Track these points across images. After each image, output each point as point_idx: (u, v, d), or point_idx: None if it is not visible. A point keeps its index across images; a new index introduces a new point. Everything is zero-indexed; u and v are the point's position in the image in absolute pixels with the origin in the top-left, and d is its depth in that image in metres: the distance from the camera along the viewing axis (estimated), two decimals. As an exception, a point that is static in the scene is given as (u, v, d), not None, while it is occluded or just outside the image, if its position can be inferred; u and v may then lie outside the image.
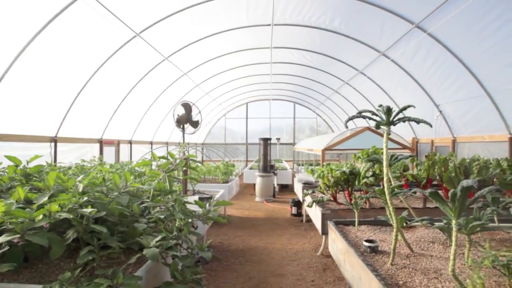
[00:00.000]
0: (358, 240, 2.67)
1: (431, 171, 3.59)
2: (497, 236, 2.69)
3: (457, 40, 5.79)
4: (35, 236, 1.60)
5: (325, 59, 9.50)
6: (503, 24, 4.73)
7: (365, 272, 1.99)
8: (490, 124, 6.13)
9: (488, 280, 1.87)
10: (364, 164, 3.76)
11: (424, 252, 2.40)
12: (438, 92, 7.31)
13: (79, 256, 1.66)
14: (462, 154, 7.06)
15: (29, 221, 1.64)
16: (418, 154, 8.88)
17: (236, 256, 4.79)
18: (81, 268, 1.65)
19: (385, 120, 2.09)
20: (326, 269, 4.24)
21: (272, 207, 8.57)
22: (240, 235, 5.93)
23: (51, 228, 1.84)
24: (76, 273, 1.57)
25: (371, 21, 6.62)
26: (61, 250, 1.70)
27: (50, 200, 1.86)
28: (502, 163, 3.50)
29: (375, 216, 3.16)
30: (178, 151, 4.78)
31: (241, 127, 18.75)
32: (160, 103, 9.71)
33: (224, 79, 11.77)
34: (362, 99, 10.81)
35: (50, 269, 1.80)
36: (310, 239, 5.61)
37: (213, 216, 2.50)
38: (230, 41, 8.50)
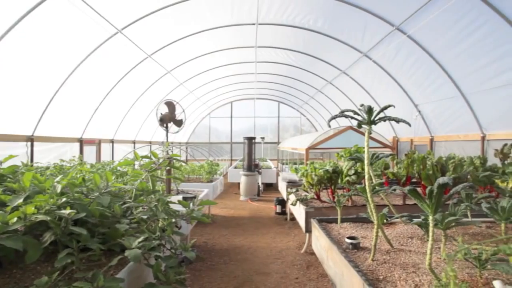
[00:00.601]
0: (341, 237, 2.71)
1: (410, 169, 3.69)
2: (470, 231, 2.80)
3: (434, 43, 5.97)
4: (8, 240, 1.54)
5: (309, 59, 9.60)
6: (476, 29, 4.92)
7: (347, 269, 2.03)
8: (465, 124, 6.36)
9: (461, 272, 1.95)
10: (346, 163, 3.83)
11: (403, 247, 2.46)
12: (417, 92, 7.52)
13: (57, 259, 1.61)
14: (439, 152, 7.29)
15: (1, 225, 1.58)
16: (399, 153, 9.11)
17: (220, 256, 4.78)
18: (59, 272, 1.60)
19: (367, 119, 2.13)
20: (309, 266, 4.29)
21: (257, 206, 8.59)
22: (224, 234, 5.92)
23: (27, 231, 1.78)
24: (53, 277, 1.52)
25: (354, 22, 6.74)
26: (38, 254, 1.65)
27: (25, 202, 1.80)
28: (475, 161, 3.65)
29: (357, 213, 3.22)
30: (161, 151, 4.73)
31: (226, 126, 18.70)
32: (143, 102, 9.56)
33: (208, 78, 11.71)
34: (345, 99, 10.98)
35: (26, 274, 1.74)
36: (294, 237, 5.66)
37: (197, 215, 2.48)
38: (214, 40, 8.46)
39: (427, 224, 1.97)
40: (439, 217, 1.96)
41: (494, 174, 3.13)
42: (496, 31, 4.65)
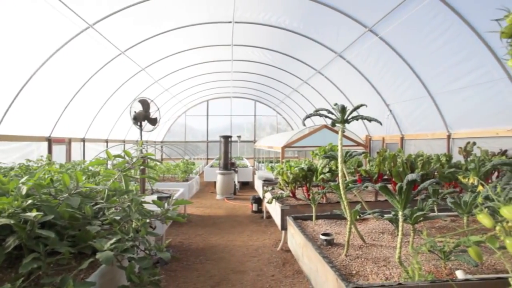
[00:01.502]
0: (316, 234, 2.77)
1: (382, 166, 3.82)
2: (437, 224, 2.94)
3: (404, 45, 6.20)
4: (-34, 246, 1.45)
5: (285, 58, 9.68)
6: (442, 33, 5.15)
7: (322, 264, 2.07)
8: (433, 123, 6.65)
9: (428, 264, 2.05)
10: (321, 161, 3.90)
11: (375, 242, 2.55)
12: (388, 92, 7.77)
13: (21, 265, 1.53)
14: (409, 150, 7.59)
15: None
16: (371, 151, 9.39)
17: (196, 255, 4.74)
18: (24, 278, 1.53)
19: (340, 118, 2.18)
20: (285, 263, 4.35)
21: (233, 204, 8.58)
22: (200, 233, 5.88)
23: (-12, 236, 1.68)
24: (17, 284, 1.45)
25: (329, 23, 6.86)
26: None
27: (-13, 205, 1.71)
28: (441, 158, 3.83)
29: (331, 210, 3.29)
30: (135, 150, 4.62)
31: (202, 124, 18.52)
32: (117, 99, 9.28)
33: (184, 76, 11.54)
34: (320, 98, 11.17)
35: (-13, 282, 1.65)
36: (271, 235, 5.71)
37: (172, 215, 2.45)
38: (190, 38, 8.35)
39: (397, 219, 2.05)
40: (408, 212, 2.04)
41: (458, 171, 3.30)
42: (460, 36, 4.89)
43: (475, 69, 5.10)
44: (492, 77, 4.88)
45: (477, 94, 5.37)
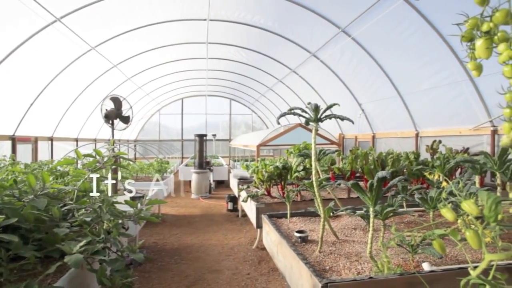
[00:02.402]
0: (290, 231, 2.80)
1: (354, 164, 3.92)
2: (405, 219, 3.07)
3: (375, 46, 6.40)
4: None
5: (260, 57, 9.70)
6: (410, 35, 5.37)
7: (296, 261, 2.10)
8: (402, 121, 6.91)
9: (397, 258, 2.13)
10: (295, 159, 3.96)
11: (347, 238, 2.62)
12: (360, 92, 7.99)
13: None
14: (380, 148, 7.85)
15: None
16: (344, 149, 9.63)
17: (171, 255, 4.68)
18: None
19: (313, 117, 2.22)
20: (261, 261, 4.37)
21: (208, 203, 8.52)
22: (175, 233, 5.80)
23: None
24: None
25: (304, 23, 6.95)
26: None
27: None
28: (410, 156, 3.99)
29: (305, 207, 3.35)
30: (106, 149, 4.47)
31: (176, 123, 18.22)
32: (88, 97, 8.92)
33: (158, 73, 11.29)
34: (295, 97, 11.30)
35: None
36: (246, 233, 5.72)
37: (145, 215, 2.40)
38: (164, 34, 8.17)
39: (368, 215, 2.12)
40: (379, 208, 2.11)
41: (425, 168, 3.45)
42: (426, 39, 5.11)
43: (440, 71, 5.36)
44: (455, 79, 5.14)
45: (442, 94, 5.64)
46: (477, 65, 0.93)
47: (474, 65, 0.93)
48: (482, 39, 0.87)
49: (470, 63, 0.94)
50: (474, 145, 5.19)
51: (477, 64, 0.93)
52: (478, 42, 0.88)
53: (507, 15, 0.79)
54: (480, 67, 0.93)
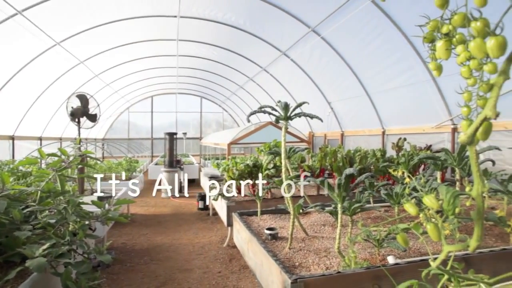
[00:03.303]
0: (261, 229, 2.81)
1: (324, 161, 4.00)
2: (372, 215, 3.17)
3: (344, 46, 6.56)
4: None
5: (231, 55, 9.65)
6: (377, 36, 5.56)
7: (266, 258, 2.11)
8: (370, 120, 7.15)
9: (364, 252, 2.20)
10: (266, 157, 3.97)
11: (317, 234, 2.66)
12: (330, 90, 8.17)
13: None
14: (349, 146, 8.08)
15: None
16: (314, 147, 9.81)
17: (141, 256, 4.55)
18: None
19: (283, 115, 2.23)
20: (232, 259, 4.36)
21: (179, 202, 8.38)
22: (145, 233, 5.65)
23: None
24: None
25: (274, 22, 6.99)
26: None
27: None
28: (376, 153, 4.13)
29: (276, 205, 3.37)
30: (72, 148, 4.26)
31: (146, 121, 17.76)
32: (52, 94, 8.44)
33: (127, 70, 10.92)
34: (265, 95, 11.36)
35: None
36: (217, 231, 5.68)
37: (113, 216, 2.32)
38: (133, 30, 7.90)
39: (336, 211, 2.17)
40: (347, 204, 2.16)
41: (391, 164, 3.59)
42: (392, 39, 5.31)
43: (406, 71, 5.59)
44: (419, 79, 5.38)
45: (407, 94, 5.90)
46: (437, 65, 0.96)
47: (435, 65, 0.97)
48: (442, 41, 0.90)
49: (432, 64, 0.97)
50: (437, 142, 5.47)
51: (437, 65, 0.97)
52: (439, 43, 0.91)
53: (464, 18, 0.82)
54: (441, 68, 0.97)
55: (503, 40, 0.74)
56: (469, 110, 0.92)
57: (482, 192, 0.85)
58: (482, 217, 0.83)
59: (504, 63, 0.77)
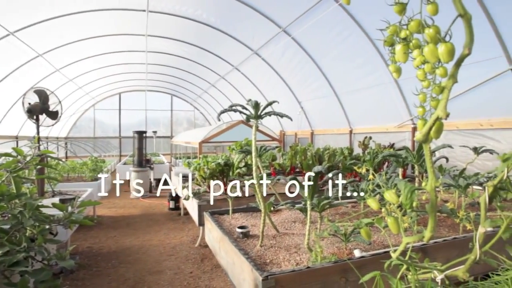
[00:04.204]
0: (232, 227, 2.82)
1: (294, 160, 4.08)
2: (340, 210, 3.29)
3: (314, 46, 6.70)
4: None
5: (203, 52, 9.55)
6: (345, 38, 5.73)
7: (237, 256, 2.13)
8: (338, 119, 7.37)
9: (332, 247, 2.28)
10: (237, 156, 3.99)
11: (287, 231, 2.72)
12: (300, 90, 8.32)
13: None
14: (318, 144, 8.27)
15: None
16: (285, 145, 9.95)
17: (108, 260, 4.41)
18: None
19: (254, 114, 2.26)
20: (204, 259, 4.34)
21: (149, 202, 8.19)
22: (113, 236, 5.47)
23: None
24: None
25: (246, 20, 7.00)
26: None
27: None
28: (344, 151, 4.27)
29: (247, 203, 3.40)
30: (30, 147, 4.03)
31: (114, 119, 17.15)
32: (6, 89, 7.90)
33: (92, 65, 10.45)
34: (237, 94, 11.35)
35: None
36: (188, 231, 5.63)
37: (77, 219, 2.22)
38: (100, 23, 7.59)
39: (306, 208, 2.23)
40: (316, 201, 2.23)
41: (358, 162, 3.73)
42: (359, 42, 5.51)
43: (371, 73, 5.81)
44: (383, 80, 5.62)
45: (372, 95, 6.14)
46: (396, 68, 1.03)
47: (394, 68, 1.03)
48: (400, 45, 0.96)
49: (391, 66, 1.03)
50: (399, 141, 5.74)
51: (396, 67, 1.03)
52: (397, 47, 0.97)
53: (419, 25, 0.89)
54: (399, 70, 1.04)
55: (452, 47, 0.81)
56: (424, 111, 0.99)
57: (435, 187, 0.92)
58: (435, 210, 0.90)
59: (453, 67, 0.84)
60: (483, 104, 4.33)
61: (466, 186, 2.62)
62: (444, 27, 0.85)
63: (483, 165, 4.21)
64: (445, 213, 2.23)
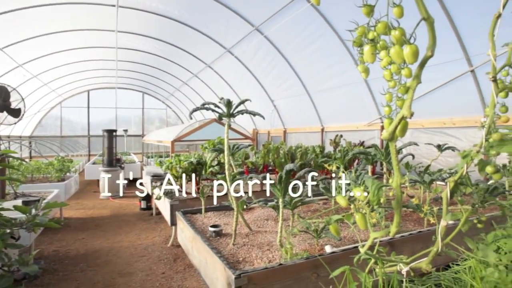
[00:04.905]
0: (205, 226, 2.80)
1: (267, 158, 4.11)
2: (312, 208, 3.35)
3: (287, 46, 6.77)
4: None
5: (175, 50, 9.37)
6: (317, 38, 5.83)
7: (210, 255, 2.11)
8: (310, 117, 7.49)
9: (305, 243, 2.31)
10: (210, 154, 3.95)
11: (260, 229, 2.73)
12: (273, 89, 8.38)
13: None
14: (291, 142, 8.38)
15: None
16: (258, 144, 9.99)
17: (76, 263, 4.23)
18: None
19: (226, 112, 2.24)
20: (176, 259, 4.27)
21: (119, 203, 7.94)
22: (81, 238, 5.26)
23: None
24: None
25: (219, 18, 6.94)
26: None
27: None
28: (316, 149, 4.35)
29: (220, 202, 3.38)
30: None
31: (82, 117, 16.45)
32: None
33: (58, 61, 9.94)
34: (210, 92, 11.25)
35: None
36: (160, 231, 5.51)
37: (42, 221, 2.11)
38: (67, 17, 7.22)
39: (278, 206, 2.24)
40: (288, 198, 2.25)
41: (329, 160, 3.81)
42: (330, 42, 5.62)
43: (342, 73, 5.95)
44: (353, 80, 5.77)
45: (343, 94, 6.29)
46: (365, 68, 1.06)
47: (362, 68, 1.06)
48: (368, 46, 0.99)
49: (360, 66, 1.06)
50: (369, 139, 5.93)
51: (365, 67, 1.06)
52: (365, 48, 1.00)
53: (386, 27, 0.91)
54: (367, 70, 1.06)
55: (416, 49, 0.84)
56: (390, 110, 1.03)
57: (400, 184, 0.95)
58: (401, 205, 0.94)
59: (417, 68, 0.88)
60: (446, 103, 4.56)
61: (431, 182, 2.75)
62: (410, 29, 0.88)
63: (446, 162, 4.44)
64: (411, 208, 2.33)
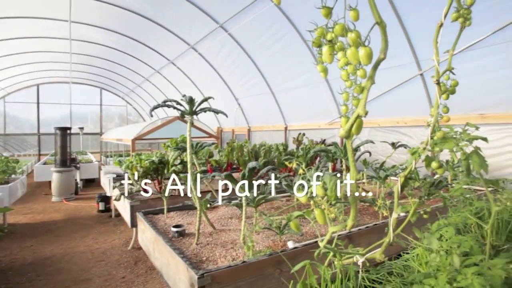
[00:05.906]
0: (167, 227, 2.74)
1: (231, 156, 4.10)
2: (275, 205, 3.40)
3: (251, 44, 6.79)
4: None
5: (136, 44, 9.03)
6: (281, 37, 5.92)
7: (172, 256, 2.07)
8: (274, 116, 7.59)
9: (268, 240, 2.34)
10: (172, 153, 3.86)
11: (224, 227, 2.73)
12: (237, 87, 8.38)
13: None
14: (255, 140, 8.44)
15: None
16: (223, 142, 9.95)
17: (22, 273, 3.93)
18: None
19: (188, 110, 2.21)
20: (137, 262, 4.13)
21: (75, 205, 7.51)
22: (29, 245, 4.89)
23: None
24: None
25: (183, 14, 6.79)
26: None
27: None
28: (279, 147, 4.42)
29: (184, 202, 3.32)
30: None
31: (31, 113, 15.29)
32: None
33: (2, 51, 9.17)
34: (173, 89, 10.99)
35: None
36: (120, 234, 5.30)
37: (-20, 227, 1.94)
38: (13, 2, 6.67)
39: (241, 204, 2.25)
40: (251, 196, 2.27)
41: (292, 158, 3.88)
42: (294, 42, 5.73)
43: (305, 72, 6.09)
44: (315, 80, 5.93)
45: (306, 93, 6.44)
46: (323, 68, 1.09)
47: (321, 68, 1.09)
48: (327, 46, 1.02)
49: (319, 66, 1.09)
50: (330, 137, 6.13)
51: (323, 67, 1.09)
52: (324, 48, 1.03)
53: (343, 29, 0.95)
54: (326, 70, 1.10)
55: (370, 51, 0.89)
56: (347, 109, 1.07)
57: (356, 179, 0.99)
58: (356, 200, 0.98)
59: (371, 70, 0.92)
60: (399, 104, 4.84)
61: (385, 177, 2.91)
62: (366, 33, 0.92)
63: (399, 158, 4.71)
64: (368, 202, 2.45)
